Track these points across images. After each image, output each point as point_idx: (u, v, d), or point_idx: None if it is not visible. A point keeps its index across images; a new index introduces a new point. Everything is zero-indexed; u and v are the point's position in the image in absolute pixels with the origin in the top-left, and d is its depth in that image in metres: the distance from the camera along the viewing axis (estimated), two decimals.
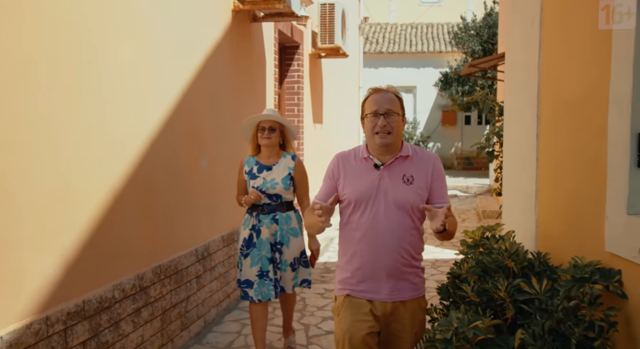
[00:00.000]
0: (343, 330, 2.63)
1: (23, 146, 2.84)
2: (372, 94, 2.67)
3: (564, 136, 2.92)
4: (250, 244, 4.09)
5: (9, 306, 2.77)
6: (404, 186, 2.60)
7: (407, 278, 2.65)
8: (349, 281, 2.68)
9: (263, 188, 4.05)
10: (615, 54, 2.37)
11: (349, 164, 2.69)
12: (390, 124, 2.58)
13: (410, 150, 2.68)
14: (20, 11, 2.80)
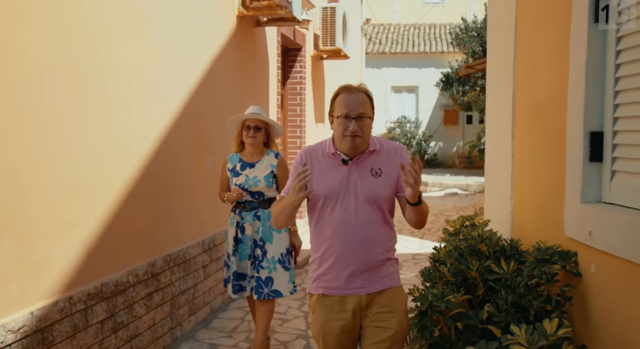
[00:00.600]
0: (317, 328, 2.65)
1: (47, 147, 3.18)
2: (343, 93, 2.59)
3: (533, 134, 3.25)
4: (237, 242, 4.09)
5: (37, 286, 3.11)
6: (373, 179, 2.59)
7: (381, 269, 2.62)
8: (322, 278, 2.65)
9: (245, 185, 4.04)
10: (572, 62, 2.70)
11: (316, 159, 2.65)
12: (362, 128, 2.55)
13: (377, 144, 2.65)
14: (64, 23, 3.15)
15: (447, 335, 2.69)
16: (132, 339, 4.02)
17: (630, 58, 2.40)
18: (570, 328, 2.45)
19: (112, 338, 3.77)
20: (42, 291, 3.15)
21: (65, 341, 3.30)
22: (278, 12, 5.98)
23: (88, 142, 3.52)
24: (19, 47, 2.94)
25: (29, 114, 3.01)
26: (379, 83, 20.61)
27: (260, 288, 3.95)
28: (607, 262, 2.42)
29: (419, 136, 20.39)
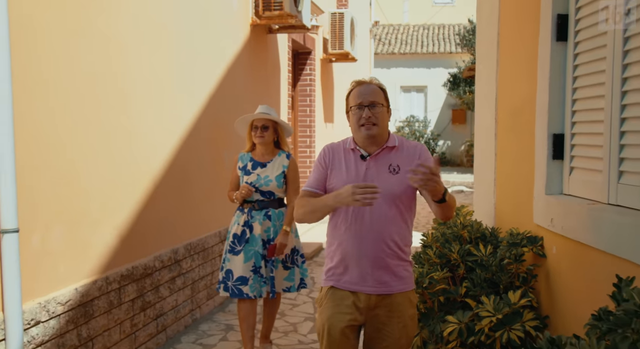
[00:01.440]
0: (323, 321, 2.63)
1: (88, 148, 3.67)
2: (356, 86, 2.66)
3: (511, 136, 3.70)
4: (242, 240, 4.12)
5: (80, 266, 3.61)
6: (390, 175, 2.57)
7: (393, 271, 2.60)
8: (334, 272, 2.65)
9: (257, 184, 4.10)
10: (539, 74, 3.15)
11: (338, 155, 2.68)
12: (375, 115, 2.57)
13: (397, 141, 2.66)
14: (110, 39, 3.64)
15: (431, 307, 3.16)
16: (157, 317, 4.51)
17: (585, 72, 2.85)
18: (531, 297, 2.92)
19: (141, 315, 4.27)
20: (84, 271, 3.64)
21: (103, 315, 3.80)
22: (288, 21, 6.45)
23: (122, 143, 4.01)
24: (75, 61, 3.43)
25: (76, 122, 3.50)
26: (388, 83, 20.92)
27: (273, 287, 4.16)
28: (564, 244, 2.87)
29: (427, 134, 20.79)
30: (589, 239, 2.57)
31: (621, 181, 2.46)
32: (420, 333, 3.16)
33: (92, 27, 3.65)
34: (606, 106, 2.57)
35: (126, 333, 4.07)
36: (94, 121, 3.70)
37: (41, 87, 3.20)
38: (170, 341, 4.65)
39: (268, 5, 6.27)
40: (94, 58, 3.68)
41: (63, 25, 3.38)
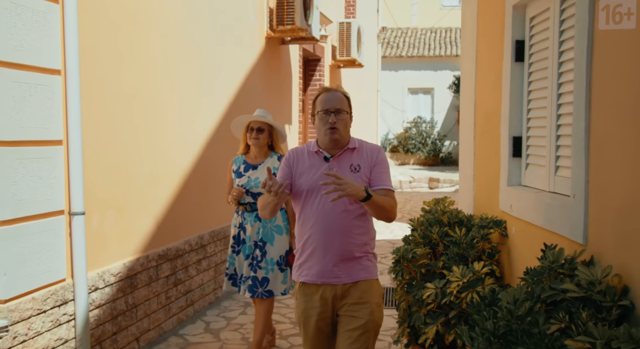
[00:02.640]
0: (298, 314, 2.87)
1: (133, 148, 4.42)
2: (323, 92, 2.83)
3: (485, 138, 4.41)
4: (239, 242, 4.29)
5: (127, 246, 4.36)
6: (352, 174, 2.77)
7: (358, 262, 2.79)
8: (303, 266, 2.82)
9: (247, 186, 4.20)
10: (503, 87, 3.86)
11: (302, 157, 2.86)
12: (339, 121, 2.75)
13: (357, 143, 2.85)
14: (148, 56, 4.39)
15: (414, 277, 3.88)
16: (187, 293, 5.26)
17: (535, 87, 3.56)
18: (494, 268, 3.64)
19: (173, 290, 5.02)
20: (130, 250, 4.39)
21: (144, 287, 4.55)
22: (299, 34, 7.19)
23: (158, 144, 4.75)
24: (122, 78, 4.18)
25: (124, 127, 4.25)
26: (396, 85, 21.75)
27: (255, 287, 4.15)
28: (520, 225, 3.59)
29: (433, 135, 21.45)
30: (533, 218, 3.29)
31: (557, 174, 3.18)
32: (406, 299, 3.88)
33: (134, 50, 4.41)
34: (547, 115, 3.28)
35: (162, 303, 4.82)
36: (137, 126, 4.45)
37: (99, 98, 3.95)
38: (197, 314, 5.40)
39: (281, 20, 7.01)
40: (135, 75, 4.43)
41: (114, 49, 4.14)
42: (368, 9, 14.34)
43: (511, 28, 3.75)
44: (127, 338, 4.32)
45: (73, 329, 3.71)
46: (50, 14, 3.47)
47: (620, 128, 2.38)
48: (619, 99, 2.39)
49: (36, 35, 3.37)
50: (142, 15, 4.47)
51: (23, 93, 3.27)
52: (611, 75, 2.47)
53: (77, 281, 3.69)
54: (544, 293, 2.45)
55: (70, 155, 3.63)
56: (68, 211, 3.65)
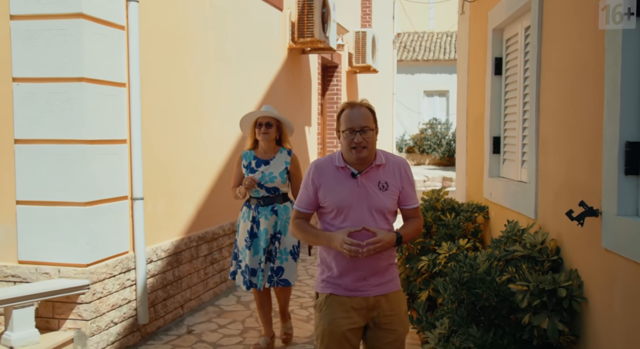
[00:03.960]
0: (324, 326, 2.75)
1: (181, 146, 5.29)
2: (347, 109, 2.74)
3: (474, 137, 5.21)
4: (252, 235, 4.35)
5: (174, 228, 5.23)
6: (380, 192, 2.73)
7: (385, 274, 2.78)
8: (332, 281, 2.77)
9: (262, 181, 4.30)
10: (486, 96, 4.66)
11: (327, 172, 2.78)
12: (366, 139, 2.67)
13: (383, 158, 2.78)
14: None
15: (412, 253, 4.70)
16: (220, 271, 6.12)
17: (510, 96, 4.36)
18: (477, 245, 4.44)
19: (210, 267, 5.89)
20: (176, 231, 5.27)
21: (187, 263, 5.42)
22: (318, 45, 8.03)
23: (199, 143, 5.62)
24: (172, 87, 5.04)
25: (171, 127, 5.12)
26: (412, 87, 22.51)
27: (272, 277, 4.34)
28: (497, 209, 4.39)
29: (448, 136, 22.14)
30: (505, 202, 4.10)
31: (522, 167, 3.98)
32: (405, 270, 4.70)
33: (181, 65, 5.29)
34: (517, 119, 4.09)
35: (201, 278, 5.69)
36: (182, 128, 5.33)
37: (154, 105, 4.83)
38: (229, 290, 6.27)
39: (302, 33, 7.86)
40: (182, 86, 5.31)
41: (166, 65, 5.02)
42: (384, 16, 15.13)
43: (491, 47, 4.56)
44: (174, 304, 5.20)
45: (134, 292, 4.59)
46: (118, 39, 4.35)
47: (555, 131, 3.19)
48: (555, 109, 3.20)
49: (109, 56, 4.25)
50: (187, 37, 5.34)
51: (101, 102, 4.15)
52: (550, 91, 3.28)
53: (137, 254, 4.57)
54: (501, 253, 3.27)
55: (132, 151, 4.50)
56: (131, 197, 4.53)
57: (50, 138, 4.06)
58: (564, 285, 2.76)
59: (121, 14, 4.35)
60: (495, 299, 2.97)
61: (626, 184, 2.39)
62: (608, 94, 2.48)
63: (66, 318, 4.13)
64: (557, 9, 3.21)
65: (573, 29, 2.97)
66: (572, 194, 2.87)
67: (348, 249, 2.57)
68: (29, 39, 4.02)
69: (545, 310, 2.79)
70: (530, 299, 2.81)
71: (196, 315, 5.42)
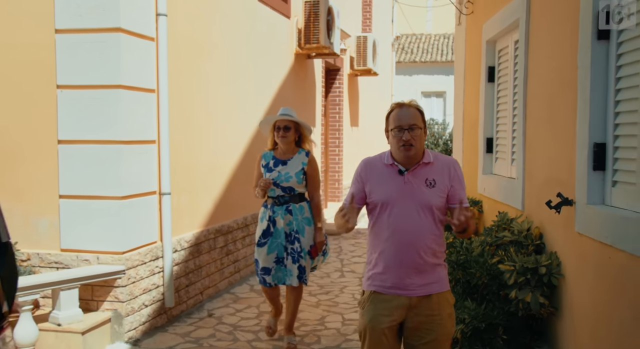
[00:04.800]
0: (365, 322, 2.78)
1: (198, 148, 5.77)
2: (396, 108, 2.78)
3: (469, 138, 5.70)
4: (267, 234, 4.43)
5: (194, 221, 5.70)
6: (427, 189, 2.71)
7: (432, 274, 2.74)
8: (377, 277, 2.79)
9: (278, 181, 4.37)
10: (480, 101, 5.16)
11: (375, 169, 2.83)
12: (414, 137, 2.70)
13: (432, 157, 2.78)
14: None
15: None
16: (235, 262, 6.60)
17: (502, 101, 4.85)
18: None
19: (226, 258, 6.36)
20: (196, 224, 5.74)
21: (206, 253, 5.89)
22: (323, 50, 8.52)
23: (215, 145, 6.10)
24: (193, 92, 5.52)
25: (193, 129, 5.59)
26: (409, 88, 22.99)
27: (300, 276, 4.44)
28: (489, 202, 4.88)
29: (445, 136, 22.64)
30: (496, 196, 4.59)
31: (512, 164, 4.47)
32: None
33: (202, 73, 5.77)
34: (507, 122, 4.58)
35: (218, 268, 6.17)
36: (202, 129, 5.81)
37: (180, 109, 5.30)
38: (243, 279, 6.75)
39: (308, 39, 8.35)
40: (202, 92, 5.79)
41: (190, 73, 5.49)
42: (383, 20, 15.62)
43: (485, 57, 5.04)
44: (195, 290, 5.68)
45: (162, 278, 5.06)
46: (149, 50, 4.82)
47: (539, 134, 3.68)
48: (539, 114, 3.69)
49: (141, 65, 4.72)
50: (207, 46, 5.82)
51: (134, 106, 4.63)
52: (536, 98, 3.77)
53: (165, 244, 5.04)
54: (492, 239, 3.76)
55: (160, 151, 4.98)
56: (159, 192, 5.00)
57: (90, 139, 4.53)
58: (544, 264, 3.25)
59: (152, 27, 4.83)
60: (486, 278, 3.46)
61: (594, 178, 2.88)
62: (580, 103, 2.97)
63: (104, 300, 4.61)
64: (541, 27, 3.70)
65: (554, 46, 3.46)
66: (552, 187, 3.36)
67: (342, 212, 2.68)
68: (72, 50, 4.49)
69: (529, 286, 3.28)
70: (516, 277, 3.30)
71: (214, 301, 5.90)
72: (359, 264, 7.62)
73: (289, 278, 4.43)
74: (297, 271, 4.41)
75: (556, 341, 3.38)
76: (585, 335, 2.98)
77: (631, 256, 2.45)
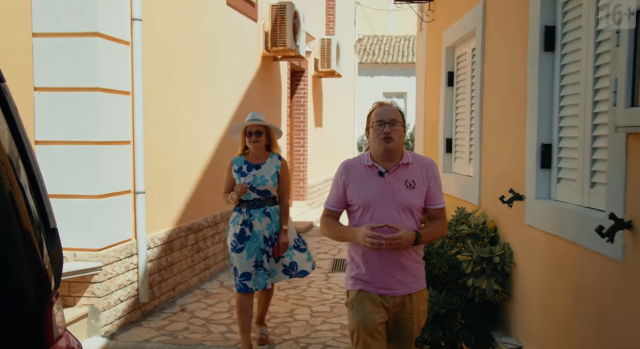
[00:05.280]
0: (357, 321, 2.86)
1: (172, 146, 5.94)
2: (378, 107, 2.89)
3: (431, 139, 6.03)
4: (243, 239, 4.40)
5: (167, 219, 5.88)
6: (408, 190, 2.81)
7: (413, 273, 2.87)
8: (361, 278, 2.87)
9: (254, 184, 4.41)
10: (440, 104, 5.48)
11: (355, 171, 2.89)
12: (394, 131, 2.79)
13: (411, 157, 2.87)
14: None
15: None
16: (205, 259, 6.79)
17: (460, 104, 5.17)
18: None
19: (196, 255, 6.55)
20: (168, 222, 5.92)
21: (177, 251, 6.07)
22: (289, 53, 8.76)
23: (186, 145, 6.27)
24: (169, 99, 5.69)
25: (166, 131, 5.76)
26: (371, 89, 23.38)
27: (288, 272, 4.54)
28: (449, 199, 5.17)
29: (406, 136, 23.14)
30: (456, 194, 4.91)
31: (470, 164, 4.79)
32: None
33: (175, 76, 5.94)
34: (465, 125, 4.90)
35: (189, 265, 6.36)
36: (174, 131, 5.98)
37: (153, 112, 5.47)
38: (213, 276, 6.94)
39: (275, 42, 8.57)
40: (175, 95, 5.96)
41: (163, 76, 5.67)
42: (346, 22, 15.93)
43: (445, 62, 5.37)
44: (167, 287, 5.85)
45: (136, 275, 5.23)
46: (124, 53, 4.98)
47: (494, 135, 4.01)
48: (494, 117, 4.01)
49: (117, 68, 4.89)
50: (180, 50, 5.99)
51: (111, 108, 4.79)
52: (491, 103, 4.10)
53: (139, 241, 5.21)
54: (451, 233, 4.06)
55: (135, 151, 5.14)
56: (134, 191, 5.17)
57: (67, 140, 4.68)
58: (498, 254, 3.57)
59: (127, 31, 5.00)
60: (446, 268, 3.76)
61: (541, 175, 3.21)
62: (529, 108, 3.29)
63: (81, 296, 4.76)
64: (496, 37, 4.02)
65: (507, 55, 3.78)
66: (505, 184, 3.68)
67: (370, 242, 2.67)
68: (49, 54, 4.63)
69: (484, 274, 3.59)
70: (473, 266, 3.61)
71: (186, 297, 6.08)
72: (324, 260, 7.89)
73: (273, 278, 4.52)
74: (282, 267, 4.54)
75: (509, 324, 3.70)
76: (534, 318, 3.30)
77: (571, 243, 2.77)
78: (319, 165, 12.79)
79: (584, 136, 2.79)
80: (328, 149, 13.78)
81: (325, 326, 5.19)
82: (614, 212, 2.30)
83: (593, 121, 2.70)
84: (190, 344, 4.72)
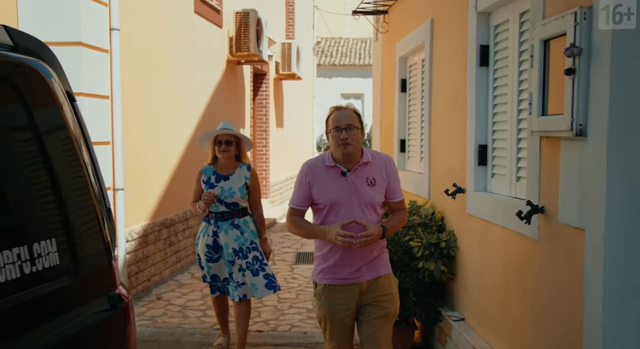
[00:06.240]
0: (324, 312, 3.05)
1: (148, 146, 6.34)
2: (334, 111, 2.96)
3: (386, 140, 6.59)
4: (217, 249, 4.37)
5: (142, 214, 6.28)
6: (369, 188, 2.96)
7: (378, 259, 3.05)
8: (328, 271, 3.01)
9: (221, 196, 4.29)
10: (394, 108, 6.04)
11: (318, 171, 2.99)
12: (351, 136, 2.88)
13: (370, 156, 3.00)
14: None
15: None
16: (176, 252, 7.20)
17: (413, 108, 5.74)
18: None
19: (169, 248, 6.96)
20: (143, 217, 6.32)
21: (152, 244, 6.48)
22: (253, 58, 9.22)
23: (161, 144, 6.68)
24: (140, 102, 6.08)
25: (142, 131, 6.16)
26: (329, 90, 23.98)
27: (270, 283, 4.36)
28: (404, 194, 5.76)
29: (364, 136, 23.78)
30: (410, 189, 5.48)
31: (421, 162, 5.37)
32: None
33: (151, 81, 6.35)
34: (417, 126, 5.47)
35: (162, 257, 6.76)
36: (149, 132, 6.39)
37: (131, 114, 5.87)
38: (184, 268, 7.36)
39: (239, 47, 9.02)
40: (150, 98, 6.37)
41: (140, 81, 6.07)
42: (305, 25, 16.45)
43: (398, 71, 5.94)
44: (143, 278, 6.26)
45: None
46: (104, 60, 5.38)
47: (441, 136, 4.58)
48: (440, 121, 4.59)
49: (97, 74, 5.28)
50: (154, 57, 6.40)
51: (92, 111, 5.18)
52: (438, 108, 4.67)
53: (119, 235, 5.61)
54: None
55: (114, 151, 5.54)
56: (113, 188, 5.56)
57: None
58: (444, 240, 4.14)
59: (106, 40, 5.40)
60: (400, 252, 4.31)
61: (479, 171, 3.79)
62: (468, 113, 3.87)
63: None
64: (442, 50, 4.60)
65: (451, 67, 4.36)
66: (450, 179, 4.26)
67: (342, 241, 2.79)
68: None
69: (433, 257, 4.16)
70: (423, 251, 4.16)
71: (160, 287, 6.50)
72: (288, 253, 8.38)
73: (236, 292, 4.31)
74: (265, 280, 4.34)
75: (453, 301, 4.28)
76: (473, 293, 3.88)
77: (501, 227, 3.35)
78: (280, 164, 13.26)
79: (512, 138, 3.37)
80: (289, 149, 14.26)
81: (292, 310, 5.69)
82: (531, 200, 2.88)
83: (518, 126, 3.29)
84: (170, 327, 5.16)
